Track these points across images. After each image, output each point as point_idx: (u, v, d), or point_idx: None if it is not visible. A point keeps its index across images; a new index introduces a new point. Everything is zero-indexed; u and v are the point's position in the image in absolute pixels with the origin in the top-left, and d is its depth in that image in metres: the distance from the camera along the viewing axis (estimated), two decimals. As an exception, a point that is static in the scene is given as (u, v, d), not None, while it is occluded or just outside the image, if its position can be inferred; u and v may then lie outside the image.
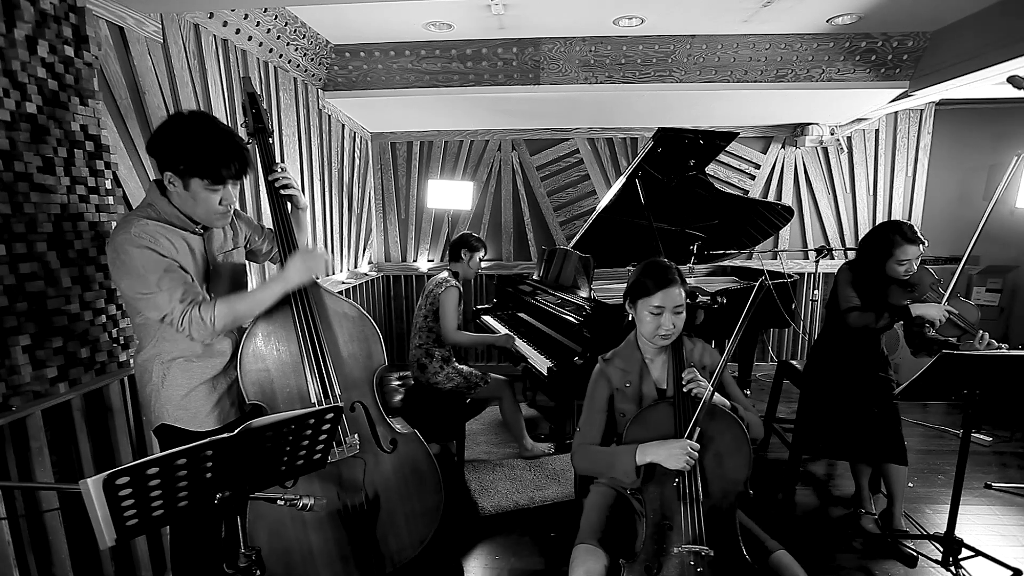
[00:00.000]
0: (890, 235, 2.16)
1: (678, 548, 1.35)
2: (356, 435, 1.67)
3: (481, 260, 3.05)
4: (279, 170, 1.67)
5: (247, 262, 1.74)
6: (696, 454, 1.36)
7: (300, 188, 3.12)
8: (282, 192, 1.68)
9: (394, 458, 1.79)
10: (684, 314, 1.52)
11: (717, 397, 1.47)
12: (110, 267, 1.40)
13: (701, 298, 1.58)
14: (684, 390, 1.45)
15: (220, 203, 1.43)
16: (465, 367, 2.92)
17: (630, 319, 1.63)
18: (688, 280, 1.61)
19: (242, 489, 1.11)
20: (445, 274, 2.94)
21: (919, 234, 2.14)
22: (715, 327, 2.90)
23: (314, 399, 1.63)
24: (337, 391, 1.66)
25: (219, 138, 1.38)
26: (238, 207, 2.29)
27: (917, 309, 2.12)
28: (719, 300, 2.85)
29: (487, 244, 4.66)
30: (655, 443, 1.41)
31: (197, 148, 1.35)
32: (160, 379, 1.48)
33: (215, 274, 1.57)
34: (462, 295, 2.91)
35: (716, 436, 1.43)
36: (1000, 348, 2.04)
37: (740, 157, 4.52)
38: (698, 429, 1.39)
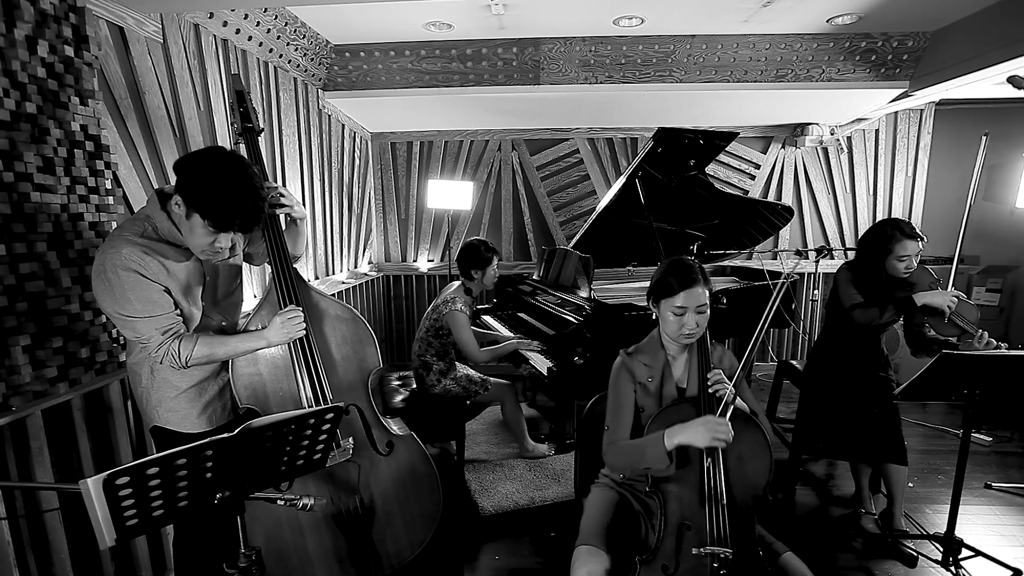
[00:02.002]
0: (888, 231, 2.16)
1: (698, 549, 1.35)
2: (351, 439, 1.65)
3: (496, 269, 2.89)
4: (272, 189, 1.59)
5: (243, 264, 1.73)
6: (725, 431, 1.33)
7: (296, 188, 3.14)
8: (278, 211, 1.63)
9: (390, 461, 1.79)
10: (708, 313, 1.52)
11: (740, 402, 1.47)
12: (93, 281, 1.36)
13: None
14: (710, 391, 1.45)
15: (212, 245, 1.39)
16: (464, 372, 2.89)
17: (653, 318, 1.62)
18: None
19: (242, 489, 1.11)
20: (454, 289, 2.82)
21: (917, 230, 2.14)
22: (715, 327, 2.89)
23: (306, 404, 1.62)
24: (330, 395, 1.64)
25: (241, 191, 1.33)
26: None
27: (922, 298, 2.10)
28: (720, 300, 2.87)
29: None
30: (680, 425, 1.40)
31: (215, 191, 1.31)
32: (150, 381, 1.48)
33: (211, 280, 1.56)
34: (469, 315, 2.79)
35: (739, 439, 1.43)
36: (1000, 347, 2.04)
37: (740, 157, 4.52)
38: (727, 415, 1.38)
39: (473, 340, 2.74)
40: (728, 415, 1.38)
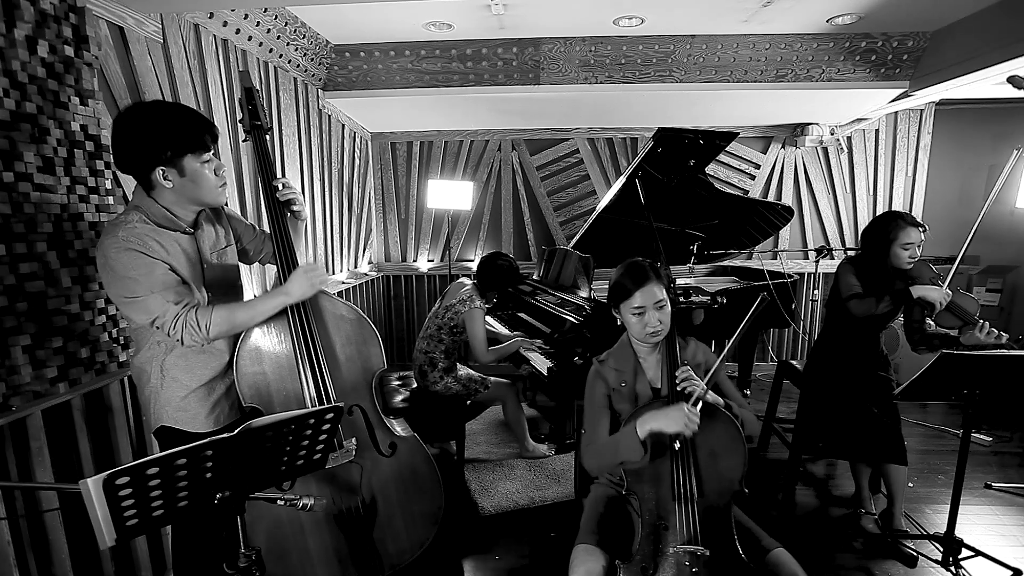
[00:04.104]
0: (891, 221, 2.18)
1: (674, 548, 1.35)
2: (353, 439, 1.65)
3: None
4: (282, 184, 1.63)
5: (239, 262, 1.73)
6: (696, 419, 1.34)
7: (297, 188, 3.14)
8: (293, 208, 1.66)
9: (393, 462, 1.79)
10: (668, 308, 1.53)
11: (712, 396, 1.47)
12: (100, 273, 1.38)
13: (701, 298, 1.58)
14: (679, 388, 1.45)
15: (216, 174, 1.43)
16: (465, 372, 2.89)
17: (619, 323, 1.63)
18: (688, 280, 1.60)
19: (242, 489, 1.11)
20: (469, 287, 2.81)
21: (919, 220, 2.16)
22: (715, 327, 2.90)
23: (310, 403, 1.61)
24: (333, 395, 1.64)
25: (185, 110, 1.39)
26: (238, 211, 2.30)
27: (918, 291, 2.12)
28: (719, 300, 2.88)
29: (486, 243, 4.69)
30: (651, 411, 1.40)
31: (177, 125, 1.34)
32: (159, 381, 1.48)
33: (209, 273, 1.55)
34: (485, 313, 2.82)
35: (711, 434, 1.43)
36: (1001, 336, 2.03)
37: (740, 157, 4.52)
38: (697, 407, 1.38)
39: (485, 339, 2.75)
40: (699, 407, 1.38)
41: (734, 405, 1.52)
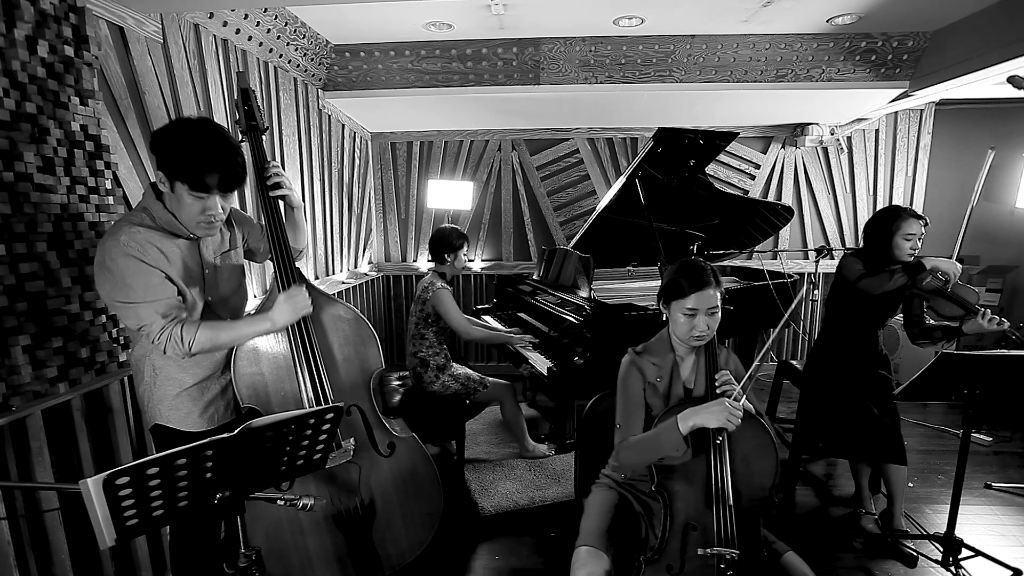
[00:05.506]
0: (893, 213, 2.19)
1: (703, 550, 1.35)
2: (352, 439, 1.65)
3: (466, 255, 2.96)
4: (271, 168, 1.62)
5: (246, 262, 1.73)
6: (739, 413, 1.34)
7: (297, 188, 3.14)
8: (272, 193, 1.61)
9: (391, 462, 1.79)
10: (719, 315, 1.51)
11: (745, 401, 1.46)
12: (95, 273, 1.38)
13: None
14: (718, 391, 1.45)
15: (203, 212, 1.39)
16: (463, 371, 2.89)
17: (664, 318, 1.61)
18: None
19: (242, 489, 1.11)
20: (429, 276, 2.87)
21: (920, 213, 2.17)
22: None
23: (307, 404, 1.61)
24: (331, 395, 1.64)
25: (212, 146, 1.35)
26: (237, 207, 2.30)
27: (931, 262, 2.11)
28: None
29: (486, 243, 4.69)
30: (693, 408, 1.39)
31: (186, 152, 1.34)
32: (152, 378, 1.48)
33: (211, 277, 1.55)
34: (451, 292, 2.85)
35: (745, 440, 1.43)
36: (1003, 323, 2.03)
37: (740, 157, 4.52)
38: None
39: (462, 315, 2.80)
40: (741, 402, 1.38)
41: (762, 414, 1.53)
